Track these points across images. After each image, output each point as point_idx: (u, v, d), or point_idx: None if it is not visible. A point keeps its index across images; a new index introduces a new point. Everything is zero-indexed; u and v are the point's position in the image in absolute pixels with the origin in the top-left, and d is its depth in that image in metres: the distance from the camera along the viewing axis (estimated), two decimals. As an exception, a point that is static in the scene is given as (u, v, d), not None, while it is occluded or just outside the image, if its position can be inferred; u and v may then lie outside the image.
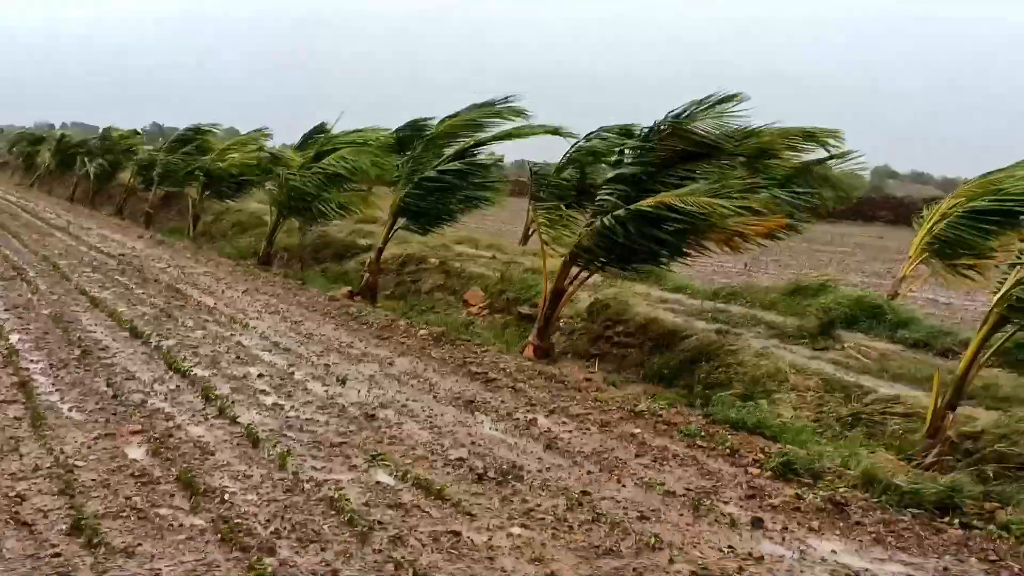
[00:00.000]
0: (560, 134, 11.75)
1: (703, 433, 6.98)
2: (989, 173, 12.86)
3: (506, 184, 14.99)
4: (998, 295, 6.14)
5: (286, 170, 17.01)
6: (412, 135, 15.06)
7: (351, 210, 16.18)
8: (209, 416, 6.78)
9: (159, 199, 26.80)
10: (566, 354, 10.29)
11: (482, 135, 12.76)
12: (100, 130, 35.60)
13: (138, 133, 31.42)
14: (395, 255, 15.41)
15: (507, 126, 12.57)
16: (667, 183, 8.78)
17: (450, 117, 13.02)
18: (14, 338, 9.03)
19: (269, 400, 7.40)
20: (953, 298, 15.88)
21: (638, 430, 7.09)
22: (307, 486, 5.40)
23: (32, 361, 8.14)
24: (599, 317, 10.59)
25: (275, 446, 6.10)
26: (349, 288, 13.66)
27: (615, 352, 9.94)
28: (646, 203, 8.67)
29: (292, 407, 7.22)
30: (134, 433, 6.19)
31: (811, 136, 10.64)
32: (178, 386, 7.61)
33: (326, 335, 10.42)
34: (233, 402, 7.19)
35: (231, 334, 10.05)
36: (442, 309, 12.65)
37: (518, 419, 7.26)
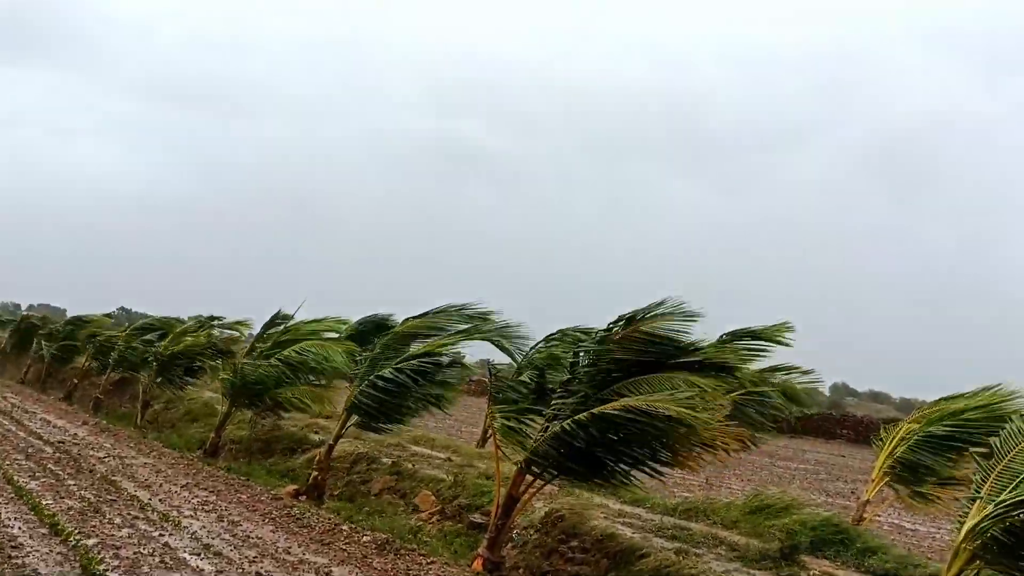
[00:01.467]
0: (503, 347, 11.71)
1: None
2: (947, 398, 12.97)
3: (465, 383, 14.79)
4: (964, 530, 5.85)
5: (239, 359, 16.73)
6: (372, 330, 14.99)
7: (309, 404, 15.82)
8: (116, 630, 6.11)
9: (112, 384, 26.17)
10: (517, 568, 9.69)
11: (445, 337, 12.70)
12: (65, 312, 35.43)
13: (110, 317, 31.10)
14: (347, 452, 14.88)
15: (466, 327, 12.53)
16: (623, 391, 8.60)
17: (413, 318, 12.98)
18: (-81, 530, 8.33)
19: (188, 612, 6.74)
20: (919, 524, 15.47)
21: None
22: None
23: (-68, 557, 7.45)
24: (554, 529, 10.09)
25: (183, 669, 5.44)
26: (295, 486, 13.02)
27: (569, 569, 9.37)
28: (612, 406, 8.44)
29: (212, 621, 6.56)
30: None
31: (760, 335, 10.73)
32: (89, 594, 6.94)
33: (263, 538, 9.75)
34: (147, 614, 6.53)
35: (160, 534, 9.37)
36: (391, 512, 12.02)
37: (459, 645, 6.64)
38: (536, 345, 13.20)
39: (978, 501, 5.86)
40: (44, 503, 10.24)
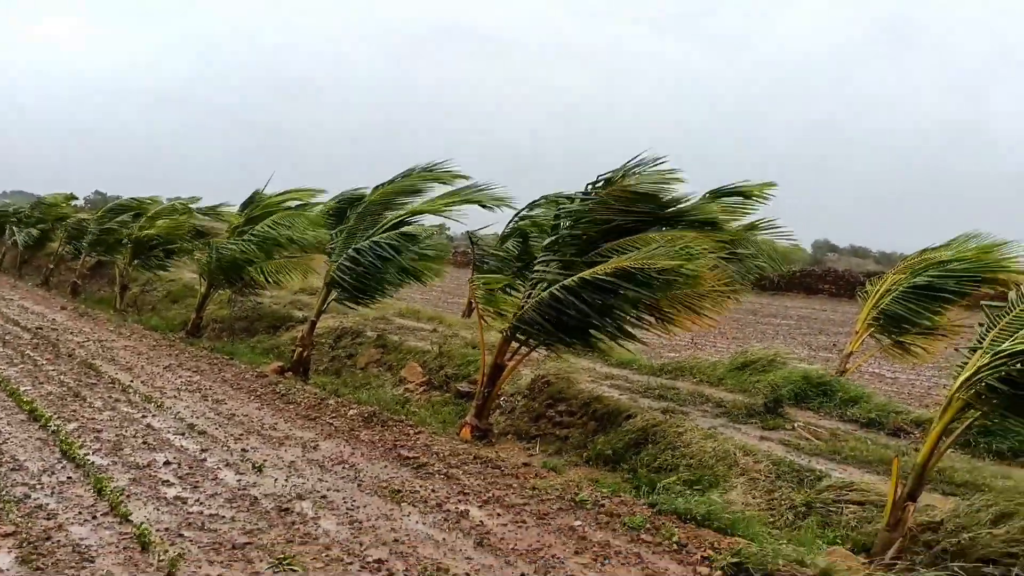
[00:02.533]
0: (484, 204, 11.29)
1: (648, 525, 6.42)
2: (929, 249, 12.84)
3: (446, 254, 14.48)
4: (959, 380, 5.75)
5: (216, 237, 16.35)
6: (350, 205, 14.55)
7: (285, 279, 15.56)
8: (98, 514, 6.02)
9: (88, 269, 25.79)
10: (506, 435, 9.71)
11: (419, 202, 12.30)
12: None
13: (73, 198, 30.28)
14: (331, 328, 14.78)
15: (444, 191, 12.11)
16: (607, 253, 8.36)
17: (385, 184, 12.53)
18: None
19: (172, 492, 6.66)
20: (899, 372, 15.70)
21: (579, 522, 6.50)
22: (197, 600, 4.70)
23: (-93, 449, 7.30)
24: (541, 395, 10.07)
25: (167, 550, 5.38)
26: (280, 363, 12.93)
27: (557, 432, 9.39)
28: (599, 270, 8.20)
29: (197, 500, 6.50)
30: (4, 536, 5.42)
31: (744, 192, 10.47)
32: (69, 478, 6.83)
33: (248, 415, 9.69)
34: (129, 496, 6.45)
35: (142, 415, 9.27)
36: (378, 385, 12.00)
37: (449, 511, 6.63)
38: (520, 212, 12.89)
39: (978, 352, 5.74)
40: (22, 390, 10.08)
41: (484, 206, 11.78)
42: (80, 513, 6.01)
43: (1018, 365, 5.31)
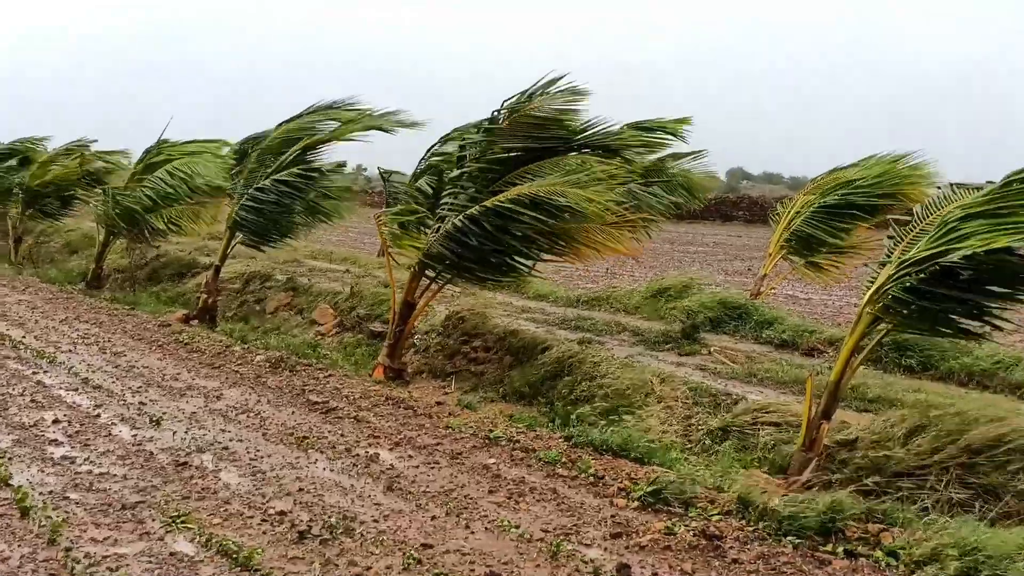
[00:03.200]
0: (386, 128, 10.70)
1: (564, 460, 6.28)
2: (838, 168, 12.92)
3: (351, 191, 13.96)
4: (868, 294, 5.70)
5: (113, 185, 15.47)
6: (252, 146, 13.84)
7: (184, 226, 14.83)
8: (-27, 481, 5.57)
9: (-22, 220, 24.32)
10: (421, 374, 9.46)
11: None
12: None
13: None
14: (239, 272, 14.21)
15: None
16: (515, 181, 8.07)
17: (286, 122, 11.90)
18: None
19: (59, 452, 6.23)
20: (812, 293, 15.97)
21: (493, 460, 6.33)
22: (79, 567, 4.36)
23: None
24: (455, 331, 9.82)
25: (50, 515, 5.00)
26: (185, 312, 12.37)
27: (473, 369, 9.18)
28: (502, 197, 7.91)
29: (86, 459, 6.09)
30: None
31: (661, 127, 10.23)
32: (-55, 442, 6.33)
33: (149, 367, 9.21)
34: (11, 458, 6.00)
35: (33, 372, 8.71)
36: (288, 330, 11.58)
37: (358, 455, 6.38)
38: (432, 147, 12.41)
39: (887, 266, 5.68)
40: (-102, 352, 9.38)
41: (386, 131, 11.19)
42: (-47, 481, 5.56)
43: (922, 275, 5.27)
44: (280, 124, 12.09)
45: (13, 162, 21.37)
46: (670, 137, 10.94)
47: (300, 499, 5.48)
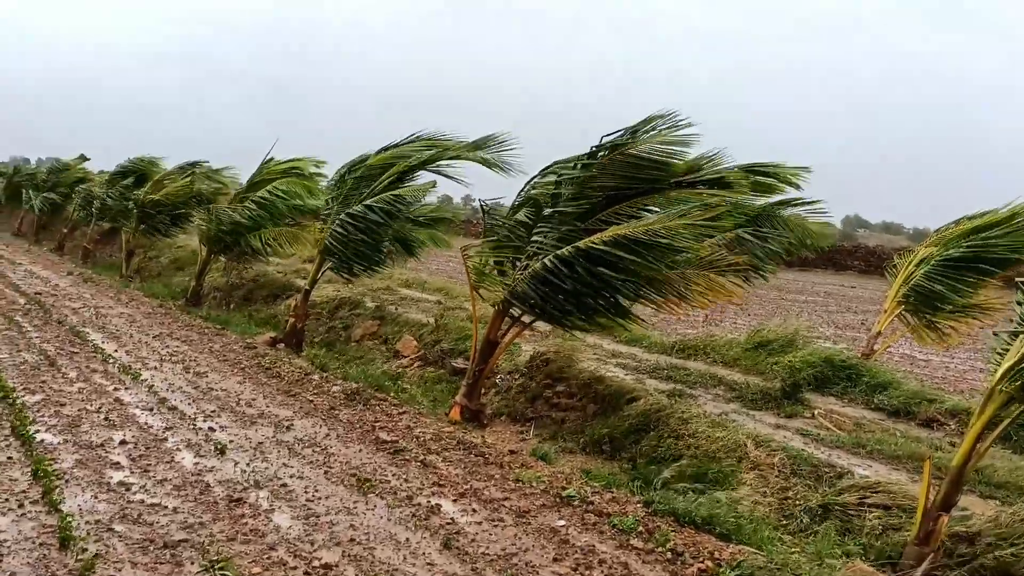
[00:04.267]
0: (488, 164, 10.31)
1: (641, 529, 5.69)
2: (965, 218, 11.86)
3: (454, 224, 13.69)
4: (1000, 370, 4.95)
5: (216, 203, 15.75)
6: (348, 171, 13.81)
7: (285, 247, 14.92)
8: (26, 502, 5.41)
9: (100, 234, 25.40)
10: (500, 416, 9.03)
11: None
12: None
13: (85, 159, 29.78)
14: (329, 297, 14.17)
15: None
16: (611, 220, 7.59)
17: (384, 149, 11.74)
18: None
19: (118, 477, 6.06)
20: (931, 355, 14.78)
21: (562, 522, 5.80)
22: (101, 612, 4.07)
23: None
24: (539, 373, 9.36)
25: (88, 547, 4.76)
26: (272, 334, 12.33)
27: (554, 415, 8.69)
28: (596, 239, 7.44)
29: (142, 487, 5.88)
30: (-90, 528, 4.83)
31: (776, 174, 9.51)
32: (10, 458, 6.24)
33: (227, 390, 9.08)
34: (67, 481, 5.85)
35: (114, 388, 8.70)
36: (370, 359, 11.36)
37: (419, 505, 5.96)
38: (532, 179, 12.05)
39: (1020, 336, 4.93)
40: (-3, 358, 9.56)
41: (488, 165, 10.88)
42: (7, 501, 5.41)
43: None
44: (379, 151, 11.96)
45: (130, 180, 22.26)
46: (783, 185, 10.24)
47: (350, 551, 5.08)
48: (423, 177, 11.39)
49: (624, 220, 7.63)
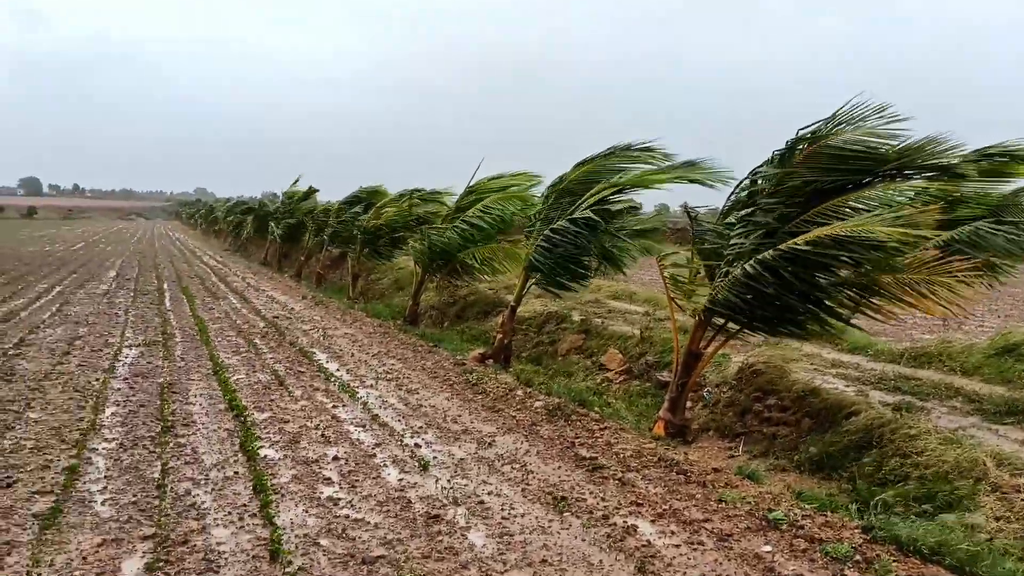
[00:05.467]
0: (701, 181, 9.89)
1: (858, 558, 5.18)
2: None
3: (663, 235, 13.34)
4: None
5: (429, 225, 16.41)
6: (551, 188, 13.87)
7: (497, 265, 15.26)
8: (245, 515, 5.79)
9: (331, 259, 27.33)
10: (707, 431, 8.64)
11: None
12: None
13: (314, 191, 32.19)
14: (536, 312, 14.29)
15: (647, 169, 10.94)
16: (815, 220, 7.05)
17: (582, 164, 11.67)
18: (108, 412, 8.59)
19: (328, 492, 6.35)
20: None
21: (768, 548, 5.40)
22: (299, 626, 4.22)
23: (106, 440, 7.56)
24: (749, 386, 8.87)
25: (295, 560, 4.99)
26: (482, 351, 12.60)
27: (764, 430, 8.18)
28: (800, 240, 6.95)
29: (349, 502, 6.13)
30: (144, 538, 5.29)
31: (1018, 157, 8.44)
32: (236, 472, 6.73)
33: (435, 407, 9.35)
34: (284, 495, 6.21)
35: (333, 405, 9.21)
36: (576, 373, 11.29)
37: (615, 525, 5.78)
38: (740, 182, 11.55)
39: None
40: (235, 378, 10.41)
41: (703, 184, 10.43)
42: (229, 514, 5.81)
43: None
44: (576, 165, 11.93)
45: (359, 208, 23.74)
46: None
47: (541, 572, 5.00)
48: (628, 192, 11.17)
49: (829, 219, 7.06)
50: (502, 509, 6.07)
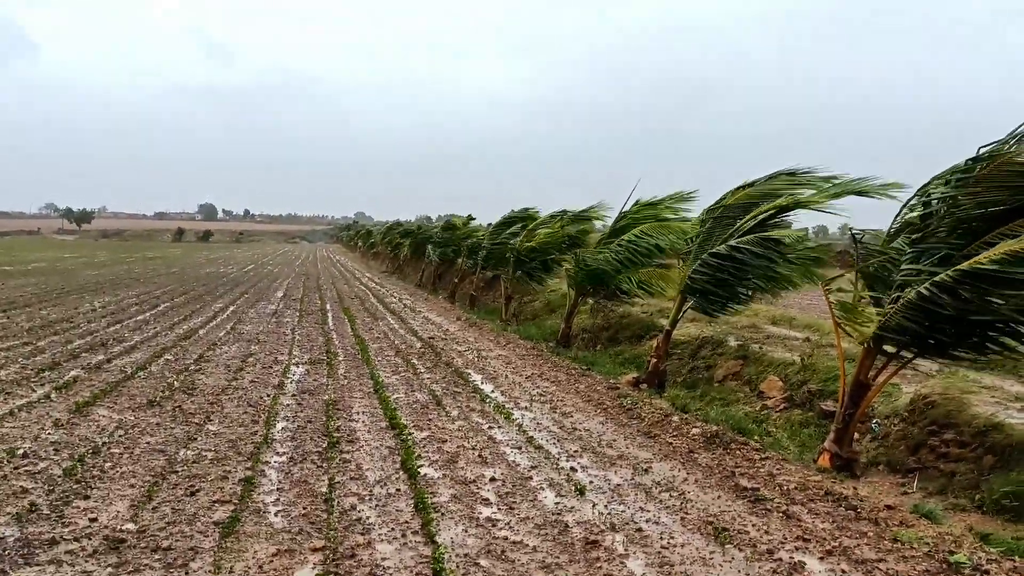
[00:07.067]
0: (869, 194, 9.42)
1: (1052, 610, 4.78)
2: None
3: (831, 255, 12.75)
4: None
5: (585, 246, 16.45)
6: (708, 213, 13.60)
7: (654, 288, 15.12)
8: (407, 532, 5.96)
9: (484, 282, 27.87)
10: (876, 465, 8.21)
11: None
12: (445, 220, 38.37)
13: (471, 219, 33.06)
14: (692, 336, 14.04)
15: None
16: (996, 241, 6.59)
17: (743, 187, 11.40)
18: (278, 426, 9.08)
19: (486, 512, 6.44)
20: None
21: (949, 594, 5.05)
22: (462, 645, 4.30)
23: (277, 453, 8.00)
24: (922, 418, 8.36)
25: (456, 579, 5.09)
26: (635, 375, 12.49)
27: (941, 467, 7.68)
28: (983, 258, 6.51)
29: (507, 524, 6.20)
30: (314, 550, 5.54)
31: None
32: (398, 490, 6.94)
33: (589, 430, 9.33)
34: (444, 514, 6.35)
35: (489, 426, 9.36)
36: (732, 400, 10.99)
37: (779, 560, 5.56)
38: (909, 201, 10.98)
39: None
40: (394, 397, 10.77)
41: (869, 195, 9.93)
42: (392, 530, 6.00)
43: None
44: (735, 190, 11.66)
45: (516, 228, 24.09)
46: None
47: (702, 605, 4.88)
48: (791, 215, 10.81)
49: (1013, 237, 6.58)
50: (661, 538, 5.97)
